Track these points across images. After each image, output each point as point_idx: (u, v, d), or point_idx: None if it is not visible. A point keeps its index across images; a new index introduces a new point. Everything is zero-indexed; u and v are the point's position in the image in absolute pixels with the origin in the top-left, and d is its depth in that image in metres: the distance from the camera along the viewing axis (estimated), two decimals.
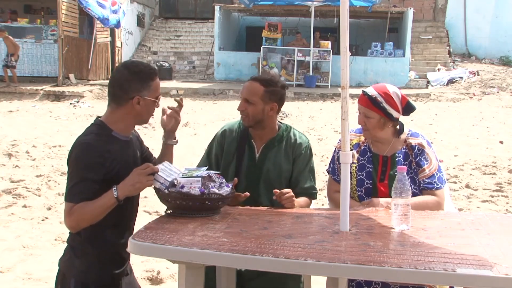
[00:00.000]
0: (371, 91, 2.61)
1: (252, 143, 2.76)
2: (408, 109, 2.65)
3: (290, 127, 2.84)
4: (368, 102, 2.59)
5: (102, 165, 2.15)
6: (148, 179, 2.18)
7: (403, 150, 2.67)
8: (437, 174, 2.63)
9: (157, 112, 2.39)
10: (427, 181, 2.62)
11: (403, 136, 2.71)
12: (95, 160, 2.13)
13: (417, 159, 2.64)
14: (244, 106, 2.67)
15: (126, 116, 2.25)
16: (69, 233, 2.28)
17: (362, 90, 2.64)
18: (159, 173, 2.25)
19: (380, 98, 2.57)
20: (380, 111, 2.58)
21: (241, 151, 2.75)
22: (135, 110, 2.23)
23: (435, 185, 2.61)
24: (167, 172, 2.29)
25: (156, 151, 2.58)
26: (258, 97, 2.65)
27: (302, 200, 2.68)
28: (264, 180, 2.70)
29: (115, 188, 2.12)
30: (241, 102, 2.70)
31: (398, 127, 2.68)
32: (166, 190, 2.25)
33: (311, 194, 2.75)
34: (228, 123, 2.88)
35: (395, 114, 2.61)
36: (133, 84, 2.21)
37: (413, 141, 2.68)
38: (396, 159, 2.66)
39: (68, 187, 2.15)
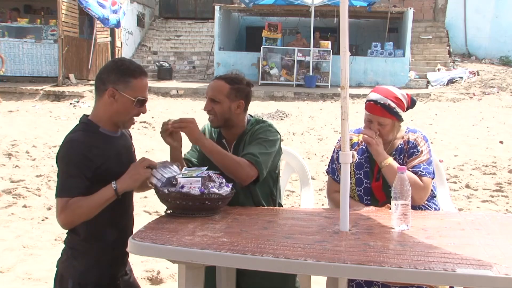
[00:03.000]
0: (382, 99, 2.60)
1: (224, 143, 2.73)
2: (412, 105, 2.73)
3: (261, 120, 2.77)
4: (383, 111, 2.60)
5: (91, 161, 2.13)
6: (145, 172, 2.17)
7: (400, 146, 2.68)
8: (424, 165, 2.63)
9: (158, 112, 2.38)
10: (413, 166, 2.63)
11: (401, 134, 2.72)
12: (84, 157, 2.11)
13: (409, 152, 2.67)
14: (210, 105, 2.64)
15: (105, 111, 2.20)
16: (67, 233, 2.27)
17: (372, 100, 2.62)
18: (157, 169, 2.25)
19: (393, 104, 2.60)
20: (393, 116, 2.62)
21: None
22: (112, 105, 2.18)
23: (419, 172, 2.60)
24: (166, 169, 2.29)
25: (156, 151, 2.59)
26: (224, 95, 2.62)
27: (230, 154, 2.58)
28: None
29: (114, 182, 2.12)
30: (206, 102, 2.66)
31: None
32: (166, 190, 2.26)
33: (249, 154, 2.56)
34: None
35: (402, 114, 2.67)
36: (111, 75, 2.17)
37: (411, 137, 2.70)
38: (392, 158, 2.67)
39: (60, 183, 2.12)
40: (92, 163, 2.13)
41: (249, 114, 2.80)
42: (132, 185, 2.17)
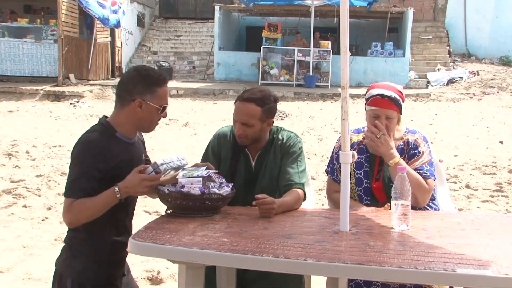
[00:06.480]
0: (388, 92, 2.63)
1: (247, 152, 2.70)
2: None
3: (281, 128, 2.79)
4: (391, 103, 2.62)
5: (103, 163, 2.14)
6: (145, 190, 2.17)
7: (400, 147, 2.67)
8: (426, 167, 2.63)
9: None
10: (416, 168, 2.62)
11: (401, 134, 2.72)
12: (96, 158, 2.14)
13: (410, 153, 2.66)
14: (243, 129, 2.56)
15: (129, 119, 2.24)
16: (67, 232, 2.28)
17: (378, 94, 2.64)
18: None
19: (398, 97, 2.64)
20: (398, 109, 2.66)
21: (235, 161, 2.69)
22: (137, 113, 2.22)
23: (423, 174, 2.60)
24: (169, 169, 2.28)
25: (156, 151, 2.59)
26: (257, 119, 2.56)
27: (289, 198, 2.52)
28: (262, 188, 2.61)
29: (117, 188, 2.11)
30: (238, 126, 2.57)
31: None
32: (166, 190, 2.26)
33: (297, 183, 2.59)
34: (219, 130, 2.80)
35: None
36: (137, 86, 2.21)
37: (411, 138, 2.70)
38: None
39: (69, 182, 2.15)
40: (104, 164, 2.15)
41: None
42: (134, 195, 2.23)
